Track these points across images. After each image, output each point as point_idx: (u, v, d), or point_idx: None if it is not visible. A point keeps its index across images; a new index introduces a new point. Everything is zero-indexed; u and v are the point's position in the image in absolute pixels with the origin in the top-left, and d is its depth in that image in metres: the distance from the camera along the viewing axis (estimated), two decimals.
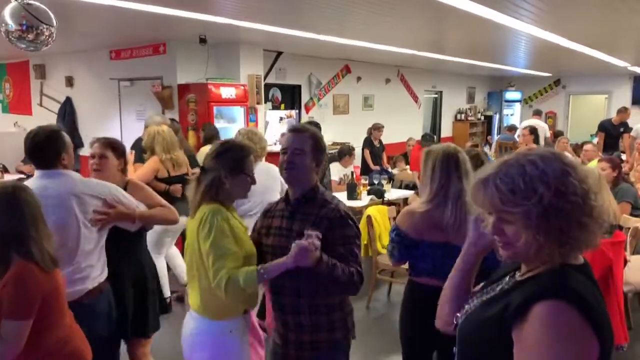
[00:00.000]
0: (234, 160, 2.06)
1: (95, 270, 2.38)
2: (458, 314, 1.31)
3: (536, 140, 7.15)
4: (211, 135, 5.59)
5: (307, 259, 1.82)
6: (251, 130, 4.21)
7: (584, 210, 1.11)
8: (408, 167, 8.07)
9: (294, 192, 2.07)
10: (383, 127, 8.37)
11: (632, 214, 4.41)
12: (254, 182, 2.12)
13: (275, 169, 3.84)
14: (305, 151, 2.03)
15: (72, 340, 2.06)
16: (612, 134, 8.72)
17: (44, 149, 2.29)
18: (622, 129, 8.76)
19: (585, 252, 1.18)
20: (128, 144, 5.71)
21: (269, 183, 3.82)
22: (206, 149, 5.65)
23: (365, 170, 7.83)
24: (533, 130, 7.14)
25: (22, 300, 1.84)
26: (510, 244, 1.16)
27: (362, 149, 8.37)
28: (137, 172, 4.31)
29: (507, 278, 1.27)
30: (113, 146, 2.72)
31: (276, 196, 3.48)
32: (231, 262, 1.93)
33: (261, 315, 2.32)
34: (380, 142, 8.43)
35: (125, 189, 2.61)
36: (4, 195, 1.88)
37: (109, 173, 2.66)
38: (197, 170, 2.20)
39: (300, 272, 1.88)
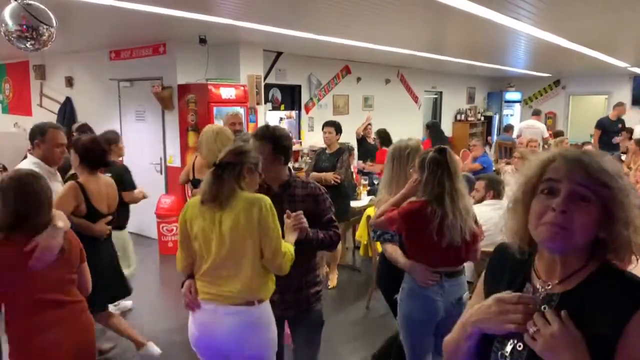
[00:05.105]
0: (256, 159, 2.35)
1: None
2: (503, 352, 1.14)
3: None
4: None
5: (301, 232, 2.36)
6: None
7: None
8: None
9: (273, 183, 2.52)
10: (370, 124, 7.92)
11: None
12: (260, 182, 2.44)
13: None
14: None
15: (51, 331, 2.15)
16: (609, 130, 8.68)
17: None
18: (619, 125, 8.71)
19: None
20: (128, 145, 5.79)
21: None
22: None
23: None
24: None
25: None
26: (568, 230, 1.06)
27: None
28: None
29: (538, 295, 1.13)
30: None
31: None
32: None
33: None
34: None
35: None
36: (20, 182, 2.16)
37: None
38: None
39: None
